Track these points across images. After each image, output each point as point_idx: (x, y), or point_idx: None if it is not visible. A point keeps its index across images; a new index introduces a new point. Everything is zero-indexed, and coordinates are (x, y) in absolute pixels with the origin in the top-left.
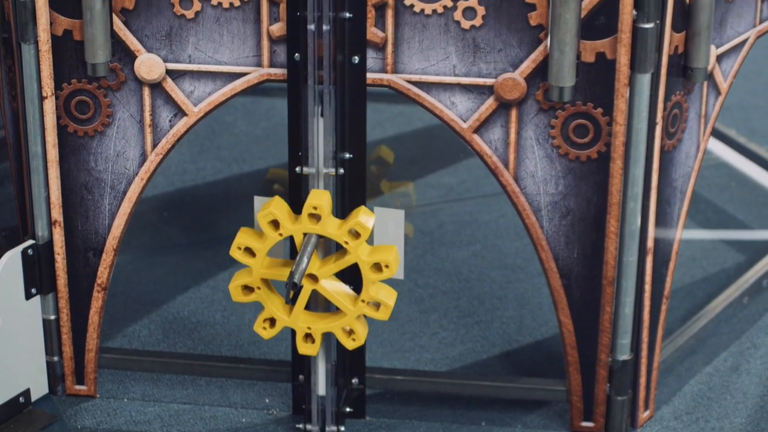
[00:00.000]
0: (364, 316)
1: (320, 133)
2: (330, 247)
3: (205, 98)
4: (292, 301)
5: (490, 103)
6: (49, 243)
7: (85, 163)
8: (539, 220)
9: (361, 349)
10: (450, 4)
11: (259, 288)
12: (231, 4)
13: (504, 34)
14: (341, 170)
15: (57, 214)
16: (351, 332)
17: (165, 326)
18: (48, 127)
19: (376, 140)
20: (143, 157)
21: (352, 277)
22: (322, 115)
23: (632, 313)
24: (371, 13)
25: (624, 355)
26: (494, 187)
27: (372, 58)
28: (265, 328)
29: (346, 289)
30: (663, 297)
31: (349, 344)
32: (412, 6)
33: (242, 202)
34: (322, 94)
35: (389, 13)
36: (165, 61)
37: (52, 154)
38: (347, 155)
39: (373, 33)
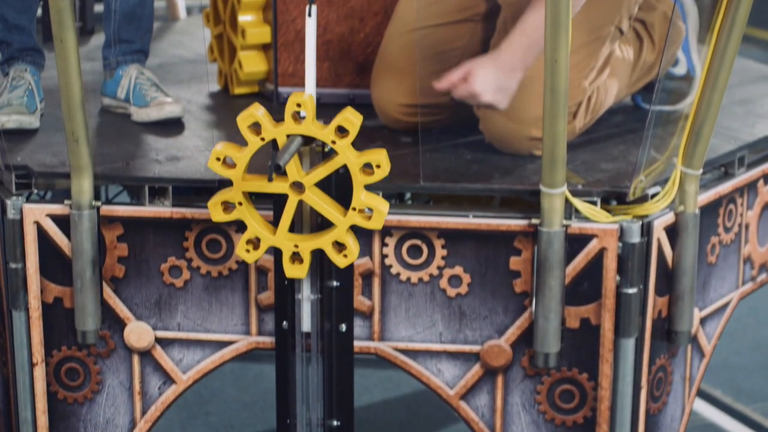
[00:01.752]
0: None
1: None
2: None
3: (194, 366)
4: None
5: (476, 369)
6: None
7: (75, 430)
8: None
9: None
10: (436, 272)
11: (240, 204)
12: (219, 273)
13: (489, 301)
14: None
15: None
16: (342, 247)
17: None
18: (38, 393)
19: (364, 405)
20: (132, 425)
21: None
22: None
23: None
24: (358, 282)
25: None
26: None
27: (359, 326)
28: (248, 251)
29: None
30: None
31: (341, 261)
32: (398, 274)
33: None
34: (309, 362)
35: (376, 282)
36: (154, 329)
37: (42, 420)
38: (335, 422)
39: (360, 301)
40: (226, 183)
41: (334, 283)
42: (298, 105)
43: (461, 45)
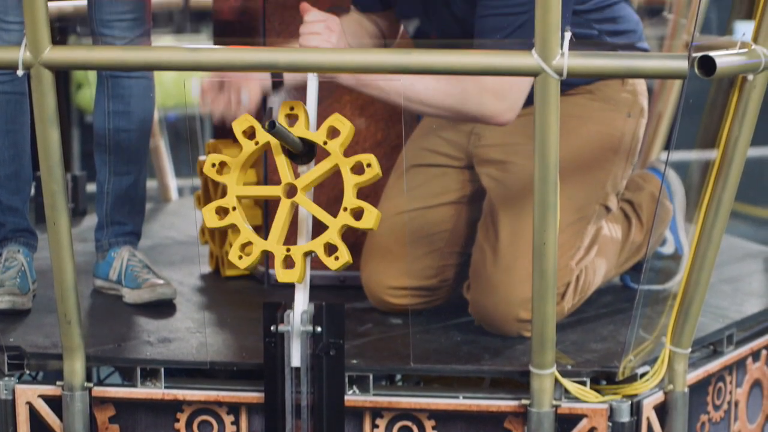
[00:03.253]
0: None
1: None
2: None
3: None
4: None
5: None
6: None
7: None
8: None
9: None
10: None
11: (234, 209)
12: None
13: None
14: None
15: None
16: (334, 249)
17: None
18: None
19: None
20: None
21: None
22: None
23: None
24: None
25: None
26: None
27: None
28: (241, 257)
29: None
30: None
31: (333, 264)
32: None
33: None
34: None
35: None
36: None
37: None
38: None
39: None
40: (218, 366)
41: None
42: (291, 108)
43: (449, 227)
